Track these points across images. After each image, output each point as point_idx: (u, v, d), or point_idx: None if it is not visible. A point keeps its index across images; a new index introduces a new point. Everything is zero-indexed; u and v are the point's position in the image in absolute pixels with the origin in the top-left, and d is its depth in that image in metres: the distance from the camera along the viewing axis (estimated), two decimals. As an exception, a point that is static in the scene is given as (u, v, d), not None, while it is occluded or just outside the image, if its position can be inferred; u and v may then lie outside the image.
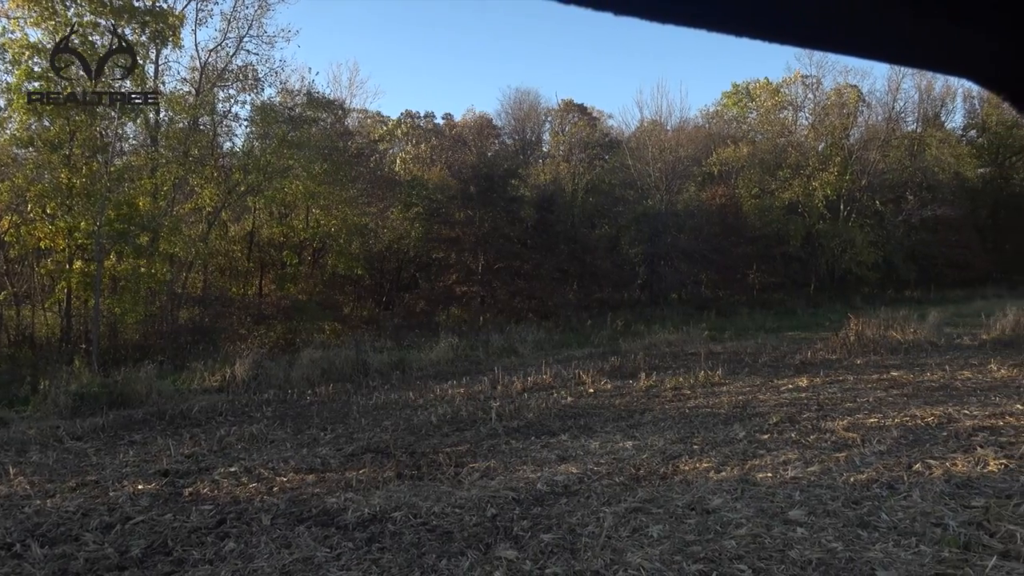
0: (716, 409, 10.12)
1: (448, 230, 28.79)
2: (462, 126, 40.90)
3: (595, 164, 36.58)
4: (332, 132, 27.52)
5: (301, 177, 23.63)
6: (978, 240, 38.16)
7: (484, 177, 28.67)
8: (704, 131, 41.19)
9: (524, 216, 29.56)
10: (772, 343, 18.43)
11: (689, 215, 33.01)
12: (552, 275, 29.06)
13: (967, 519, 5.17)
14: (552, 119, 42.32)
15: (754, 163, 36.16)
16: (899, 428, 8.24)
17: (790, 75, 39.95)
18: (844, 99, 37.65)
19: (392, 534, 5.54)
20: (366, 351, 17.42)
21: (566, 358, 16.81)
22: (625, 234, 33.62)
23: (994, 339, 15.93)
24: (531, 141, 42.40)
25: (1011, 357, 13.35)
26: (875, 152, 35.93)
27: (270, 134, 23.35)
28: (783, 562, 4.62)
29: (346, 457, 8.35)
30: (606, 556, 4.86)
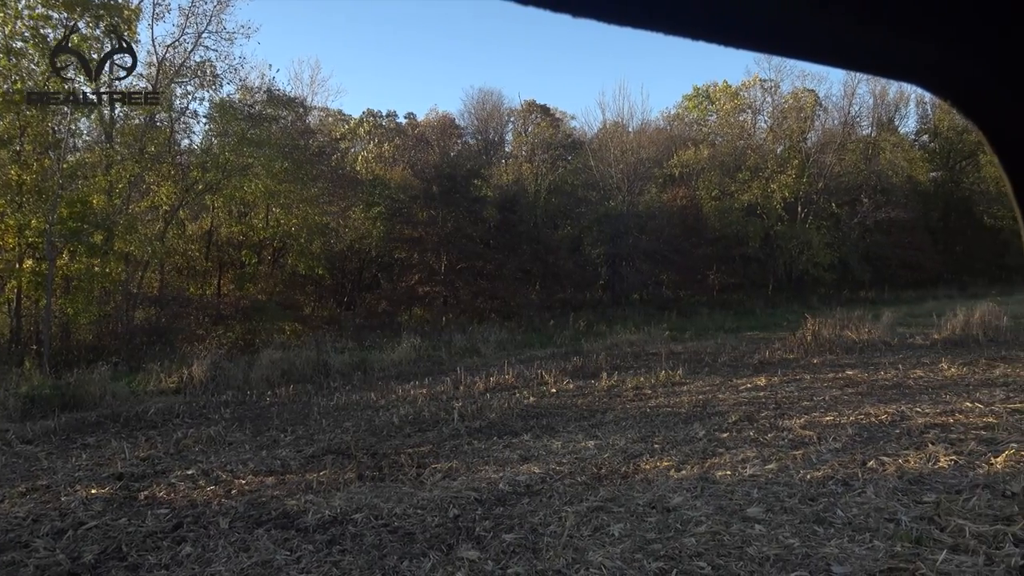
0: (677, 408, 10.22)
1: (411, 230, 28.67)
2: (425, 126, 40.71)
3: (558, 165, 36.71)
4: (293, 130, 27.20)
5: (261, 175, 23.30)
6: (930, 242, 39.13)
7: (447, 177, 28.61)
8: (665, 133, 41.62)
9: (487, 216, 29.56)
10: (731, 343, 18.67)
11: (650, 216, 33.32)
12: (515, 275, 29.12)
13: (919, 514, 5.30)
14: (515, 119, 42.37)
15: (714, 165, 36.65)
16: (854, 426, 8.40)
17: (749, 79, 40.60)
18: (801, 103, 38.33)
19: (353, 536, 5.49)
20: (327, 352, 17.27)
21: (529, 358, 16.84)
22: (587, 235, 33.81)
23: (945, 339, 16.33)
24: (494, 141, 42.39)
25: (961, 356, 13.70)
26: (831, 155, 36.65)
27: (229, 131, 23.01)
28: (741, 559, 4.68)
29: (306, 459, 8.26)
30: (568, 555, 4.88)
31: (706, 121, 44.06)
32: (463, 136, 41.37)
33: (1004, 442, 7.13)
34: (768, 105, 40.56)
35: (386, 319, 25.63)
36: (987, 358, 13.22)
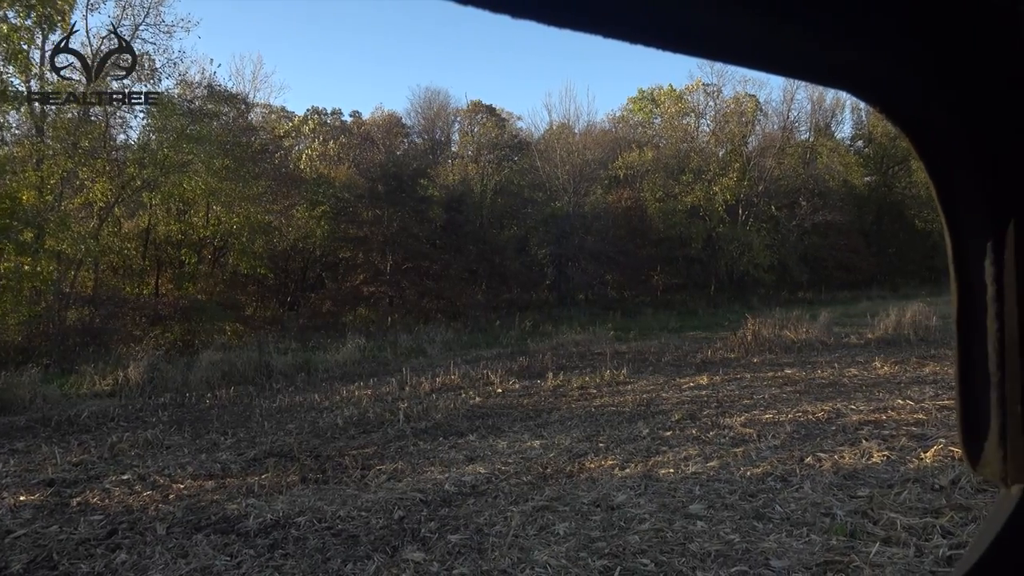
0: (621, 407, 10.33)
1: (356, 229, 28.39)
2: (371, 124, 40.34)
3: (504, 165, 36.78)
4: (234, 127, 26.64)
5: (201, 173, 22.77)
6: (864, 244, 40.37)
7: (393, 176, 28.43)
8: (611, 135, 42.06)
9: (433, 216, 29.45)
10: (675, 343, 18.95)
11: (596, 217, 33.63)
12: (461, 275, 29.09)
13: (853, 508, 5.45)
14: (461, 119, 42.31)
15: (658, 167, 37.18)
16: (792, 423, 8.61)
17: (692, 83, 41.32)
18: (743, 107, 39.17)
19: (296, 540, 5.40)
20: (269, 352, 16.97)
21: (475, 358, 16.82)
22: (534, 235, 33.96)
23: (878, 338, 16.86)
24: (440, 141, 42.27)
25: (893, 355, 14.16)
26: (771, 159, 37.55)
27: (168, 127, 22.40)
28: (684, 555, 4.75)
29: (248, 462, 8.10)
30: (513, 555, 4.89)
31: (651, 124, 44.68)
32: (409, 135, 41.17)
33: (933, 437, 7.39)
34: (711, 109, 41.37)
35: (330, 319, 25.33)
36: (917, 357, 13.70)
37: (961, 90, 0.73)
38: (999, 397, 0.74)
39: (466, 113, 41.38)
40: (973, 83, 0.73)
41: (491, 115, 40.93)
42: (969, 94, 0.73)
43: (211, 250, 26.35)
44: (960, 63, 0.72)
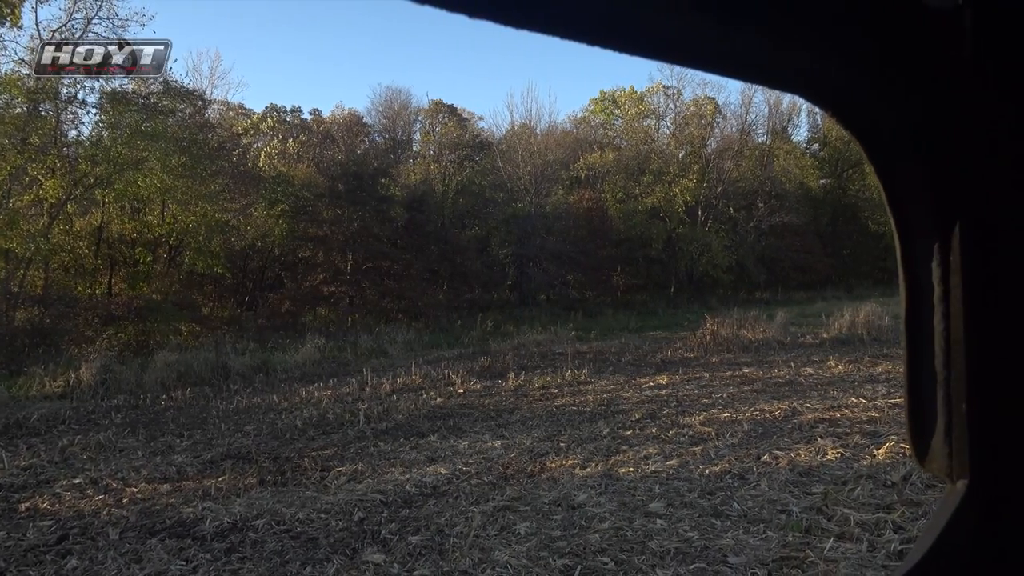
0: (582, 407, 10.38)
1: (315, 229, 28.09)
2: (331, 122, 39.94)
3: (466, 165, 36.73)
4: (191, 124, 26.14)
5: (156, 170, 22.28)
6: (819, 246, 41.14)
7: (353, 175, 28.19)
8: (572, 136, 42.27)
9: (394, 216, 29.29)
10: (635, 343, 19.11)
11: (557, 218, 33.76)
12: (422, 275, 28.96)
13: (808, 505, 5.56)
14: (423, 119, 42.13)
15: (619, 168, 37.47)
16: (749, 422, 8.75)
17: (653, 85, 41.72)
18: (702, 110, 39.67)
19: (253, 543, 5.33)
20: (227, 353, 16.70)
21: (436, 359, 16.77)
22: (495, 235, 33.97)
23: (833, 337, 17.20)
24: (402, 140, 42.05)
25: (847, 354, 14.46)
26: (730, 161, 38.07)
27: (121, 123, 21.89)
28: (643, 553, 4.79)
29: (204, 464, 7.97)
30: (474, 555, 4.88)
31: (612, 125, 44.99)
32: (370, 134, 40.87)
33: (885, 435, 7.57)
34: (671, 111, 41.83)
35: (289, 319, 25.02)
36: (871, 356, 14.01)
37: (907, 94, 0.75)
38: (945, 395, 0.76)
39: (428, 113, 41.23)
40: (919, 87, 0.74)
41: (453, 115, 40.83)
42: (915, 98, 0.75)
43: (166, 249, 25.83)
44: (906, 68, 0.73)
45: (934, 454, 0.78)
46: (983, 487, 0.75)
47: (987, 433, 0.75)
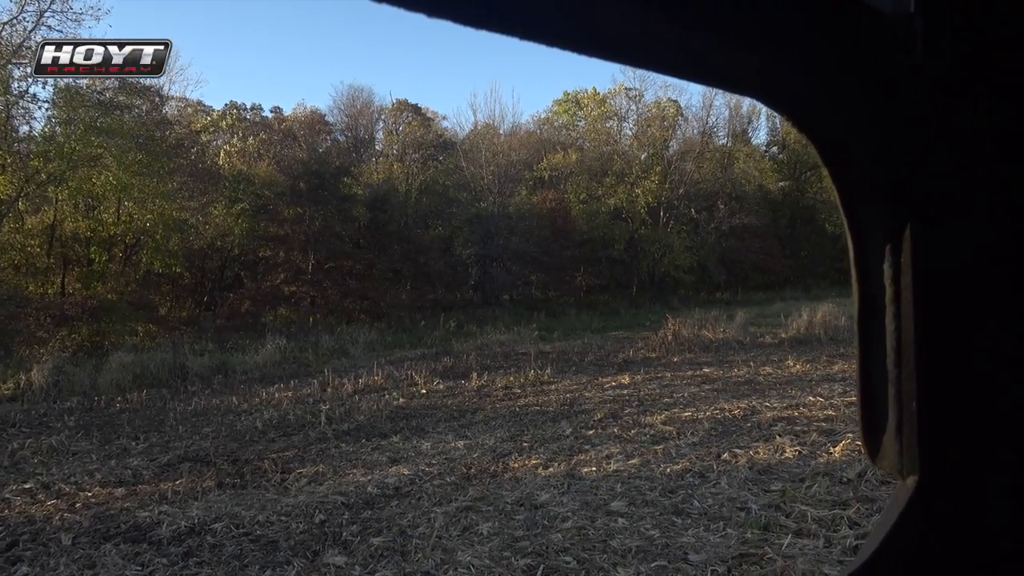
0: (545, 407, 10.41)
1: (276, 228, 27.78)
2: (292, 121, 39.48)
3: (429, 165, 36.60)
4: (148, 120, 25.63)
5: (112, 167, 21.82)
6: (778, 247, 41.79)
7: (315, 174, 27.92)
8: (536, 136, 42.37)
9: (356, 215, 29.08)
10: (598, 343, 19.21)
11: (520, 218, 33.81)
12: (385, 275, 28.79)
13: (767, 502, 5.64)
14: (386, 118, 41.86)
15: (582, 169, 37.67)
16: (710, 421, 8.85)
17: (615, 87, 41.99)
18: (664, 112, 40.06)
19: (212, 547, 5.24)
20: (185, 354, 16.44)
21: (398, 359, 16.68)
22: (458, 235, 33.92)
23: (791, 337, 17.48)
24: (364, 139, 41.71)
25: (805, 354, 14.71)
26: (691, 163, 38.48)
27: (75, 119, 21.40)
28: (606, 551, 4.82)
29: (161, 467, 7.83)
30: (437, 556, 4.87)
31: (575, 126, 45.21)
32: (332, 133, 40.47)
33: (841, 433, 7.71)
34: (633, 113, 42.17)
35: (249, 320, 24.68)
36: (827, 355, 14.27)
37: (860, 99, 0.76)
38: (896, 393, 0.78)
39: (391, 112, 40.99)
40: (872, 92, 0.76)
41: (416, 114, 40.65)
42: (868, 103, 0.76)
43: (122, 248, 25.29)
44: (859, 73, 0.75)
45: (885, 451, 0.80)
46: (932, 483, 0.77)
47: (936, 431, 0.76)
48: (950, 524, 0.78)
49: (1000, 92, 0.76)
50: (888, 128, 0.77)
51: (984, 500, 0.77)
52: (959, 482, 0.77)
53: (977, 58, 0.75)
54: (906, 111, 0.76)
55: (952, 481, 0.77)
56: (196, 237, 26.41)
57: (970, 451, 0.77)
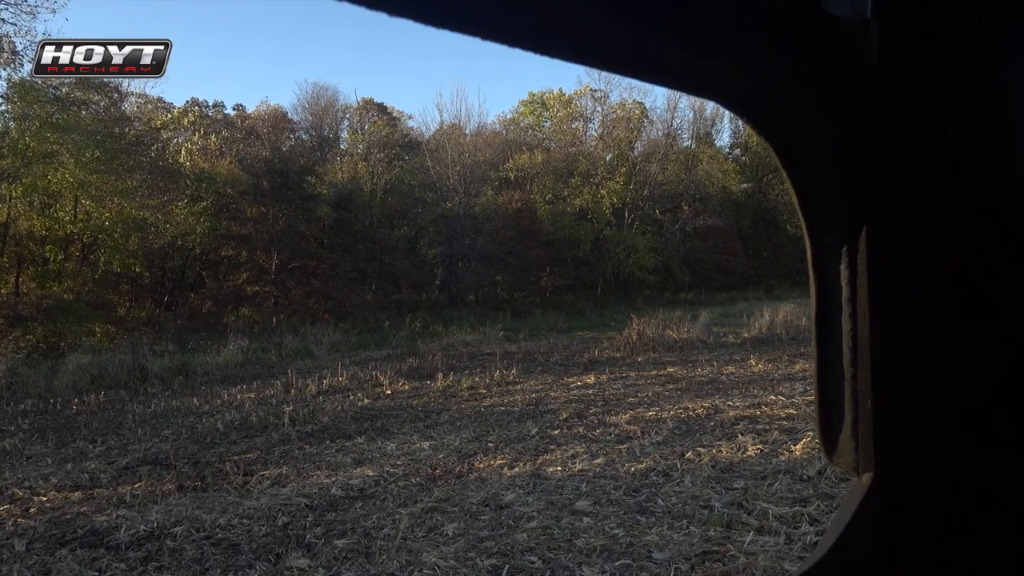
0: (510, 407, 10.42)
1: (239, 227, 27.42)
2: (255, 118, 39.01)
3: (394, 164, 36.42)
4: (106, 116, 25.11)
5: (69, 164, 21.35)
6: (741, 248, 42.32)
7: (278, 173, 27.62)
8: (501, 137, 42.39)
9: (321, 214, 28.84)
10: (563, 343, 19.27)
11: (486, 218, 33.80)
12: (349, 275, 28.57)
13: (730, 500, 5.71)
14: (351, 116, 41.59)
15: (548, 170, 37.77)
16: (674, 420, 8.93)
17: (581, 88, 42.17)
18: (629, 114, 40.32)
19: (171, 551, 5.15)
20: (144, 355, 16.15)
21: (363, 359, 16.57)
22: (424, 235, 33.80)
23: (753, 337, 17.73)
24: (329, 138, 41.37)
25: (767, 353, 14.93)
26: (656, 165, 38.80)
27: (30, 115, 20.88)
28: (571, 551, 4.84)
29: (119, 471, 7.68)
30: (401, 558, 4.84)
31: (541, 127, 45.29)
32: (296, 131, 40.12)
33: (802, 431, 7.84)
34: (598, 114, 42.40)
35: (211, 320, 24.32)
36: (789, 355, 14.50)
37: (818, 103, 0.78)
38: (852, 392, 0.79)
39: (356, 110, 40.73)
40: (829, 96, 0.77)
41: (382, 113, 40.43)
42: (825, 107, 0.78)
43: (79, 247, 24.74)
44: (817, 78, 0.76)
45: (842, 449, 0.82)
46: (887, 480, 0.78)
47: (891, 428, 0.78)
48: (904, 519, 0.79)
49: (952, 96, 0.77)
50: (845, 132, 0.78)
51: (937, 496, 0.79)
52: (913, 478, 0.79)
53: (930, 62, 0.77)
54: (862, 115, 0.77)
55: (906, 477, 0.79)
56: (156, 236, 25.93)
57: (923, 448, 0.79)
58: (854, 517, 0.78)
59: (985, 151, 0.78)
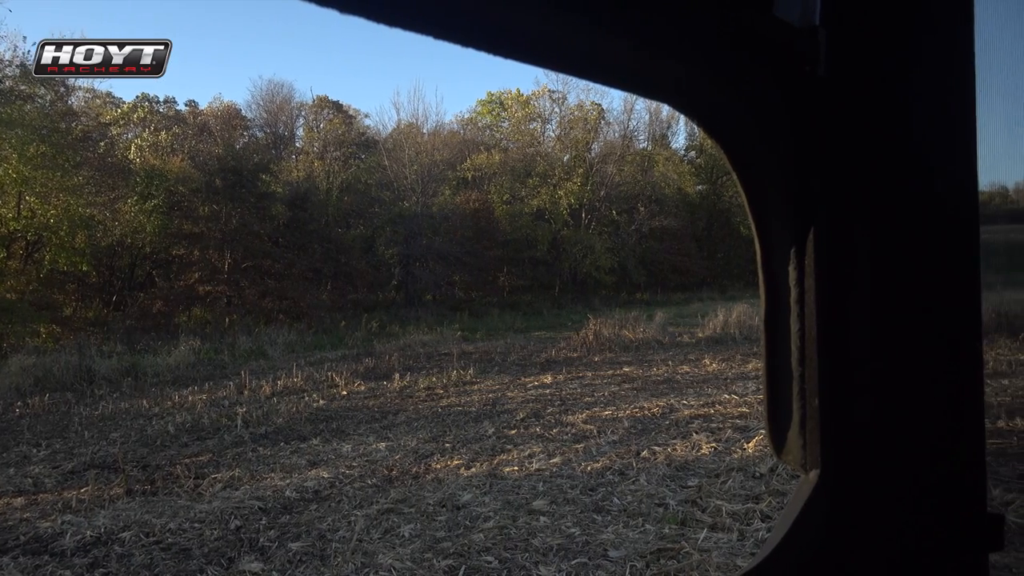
0: (468, 407, 10.40)
1: (191, 225, 26.90)
2: (208, 115, 38.29)
3: (351, 163, 36.10)
4: (52, 111, 24.43)
5: (12, 160, 20.70)
6: (696, 249, 42.85)
7: (232, 170, 27.17)
8: (459, 137, 42.30)
9: (275, 213, 28.44)
10: (520, 343, 19.31)
11: (444, 218, 33.70)
12: (305, 275, 28.24)
13: (684, 498, 5.78)
14: (306, 114, 41.06)
15: (506, 170, 37.80)
16: (630, 419, 9.01)
17: (539, 88, 42.27)
18: (587, 115, 40.56)
19: (120, 557, 5.03)
20: (91, 356, 15.75)
21: (319, 360, 16.39)
22: (381, 235, 33.55)
23: (708, 337, 17.97)
24: (284, 136, 40.82)
25: (721, 353, 15.15)
26: (612, 166, 39.10)
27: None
28: (527, 550, 4.85)
29: (64, 475, 7.48)
30: (357, 560, 4.80)
31: (499, 127, 45.28)
32: (250, 128, 39.49)
33: (755, 429, 7.97)
34: (556, 115, 42.55)
35: (162, 320, 23.82)
36: (742, 354, 14.73)
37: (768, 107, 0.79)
38: (800, 391, 0.81)
39: (311, 108, 40.24)
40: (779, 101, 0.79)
41: (338, 111, 40.00)
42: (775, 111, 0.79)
43: (23, 245, 24.01)
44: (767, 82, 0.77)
45: (790, 446, 0.83)
46: (834, 477, 0.80)
47: (837, 426, 0.80)
48: (851, 516, 0.81)
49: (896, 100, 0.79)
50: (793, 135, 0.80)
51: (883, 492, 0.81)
52: (859, 475, 0.81)
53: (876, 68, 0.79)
54: (810, 119, 0.79)
55: (852, 474, 0.81)
56: (104, 234, 25.29)
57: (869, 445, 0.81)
58: (801, 513, 0.80)
59: (927, 154, 0.80)
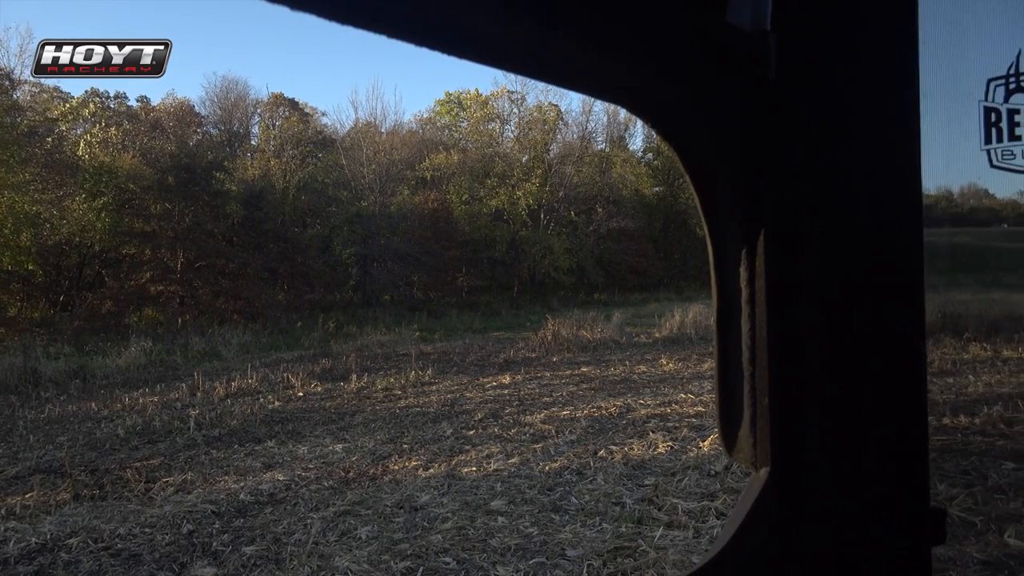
0: (426, 408, 10.36)
1: (142, 223, 26.34)
2: (160, 111, 37.44)
3: (308, 162, 35.66)
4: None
5: (-47, 155, 20.07)
6: (653, 250, 43.27)
7: (185, 168, 26.69)
8: (418, 136, 42.09)
9: (230, 212, 28.00)
10: (479, 343, 19.29)
11: (402, 218, 33.51)
12: (260, 275, 27.84)
13: (641, 496, 5.84)
14: (262, 112, 40.44)
15: (464, 170, 37.73)
16: (587, 419, 9.07)
17: (498, 89, 42.29)
18: (545, 116, 40.70)
19: (66, 564, 4.90)
20: (37, 357, 15.33)
21: (274, 361, 16.18)
22: (338, 234, 33.22)
23: (664, 337, 18.18)
24: (239, 133, 40.14)
25: (677, 353, 15.32)
26: (571, 167, 39.29)
27: (-90, 101, 19.52)
28: (485, 551, 4.84)
29: (8, 481, 7.26)
30: (313, 563, 4.75)
31: (458, 127, 45.17)
32: (204, 125, 38.72)
33: (710, 428, 8.09)
34: (515, 116, 42.59)
35: (112, 321, 23.27)
36: (698, 354, 14.92)
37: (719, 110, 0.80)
38: (750, 390, 0.82)
39: (267, 106, 39.64)
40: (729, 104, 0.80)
41: (294, 109, 39.51)
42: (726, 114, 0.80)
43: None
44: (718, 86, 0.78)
45: (741, 444, 0.85)
46: (783, 474, 0.81)
47: (786, 425, 0.81)
48: (800, 512, 0.83)
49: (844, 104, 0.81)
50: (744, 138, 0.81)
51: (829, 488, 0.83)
52: (806, 472, 0.82)
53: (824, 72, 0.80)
54: (760, 122, 0.80)
55: (800, 471, 0.82)
56: (51, 232, 24.64)
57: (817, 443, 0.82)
58: (751, 510, 0.81)
59: (872, 157, 0.82)
